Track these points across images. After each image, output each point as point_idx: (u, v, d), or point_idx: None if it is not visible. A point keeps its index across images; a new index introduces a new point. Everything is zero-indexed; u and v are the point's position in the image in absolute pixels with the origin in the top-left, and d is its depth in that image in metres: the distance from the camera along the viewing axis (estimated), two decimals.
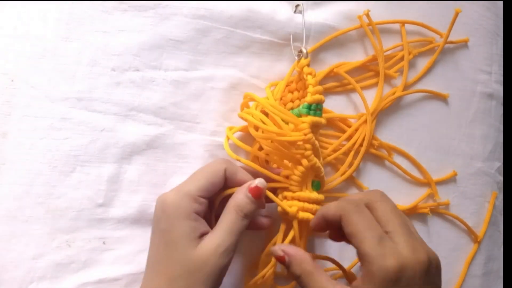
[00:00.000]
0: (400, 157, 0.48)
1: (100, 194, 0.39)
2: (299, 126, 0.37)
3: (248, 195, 0.35)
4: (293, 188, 0.38)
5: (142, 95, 0.41)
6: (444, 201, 0.49)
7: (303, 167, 0.37)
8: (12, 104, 0.38)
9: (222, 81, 0.43)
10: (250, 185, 0.35)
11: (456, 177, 0.50)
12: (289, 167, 0.39)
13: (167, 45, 0.42)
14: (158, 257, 0.34)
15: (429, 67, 0.49)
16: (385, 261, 0.30)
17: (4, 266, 0.37)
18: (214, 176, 0.35)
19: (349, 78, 0.45)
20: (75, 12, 0.40)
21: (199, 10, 0.42)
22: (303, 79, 0.41)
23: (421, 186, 0.49)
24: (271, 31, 0.44)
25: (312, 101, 0.38)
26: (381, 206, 0.34)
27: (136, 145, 0.40)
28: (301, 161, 0.37)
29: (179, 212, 0.33)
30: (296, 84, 0.42)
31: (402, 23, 0.48)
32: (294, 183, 0.38)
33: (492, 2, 0.54)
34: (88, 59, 0.40)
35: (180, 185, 0.35)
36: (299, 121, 0.37)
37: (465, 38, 0.51)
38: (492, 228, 0.51)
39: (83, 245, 0.38)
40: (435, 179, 0.49)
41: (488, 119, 0.52)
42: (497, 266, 0.52)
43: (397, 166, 0.47)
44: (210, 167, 0.36)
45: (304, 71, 0.40)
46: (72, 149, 0.39)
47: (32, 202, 0.38)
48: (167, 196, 0.34)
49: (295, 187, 0.38)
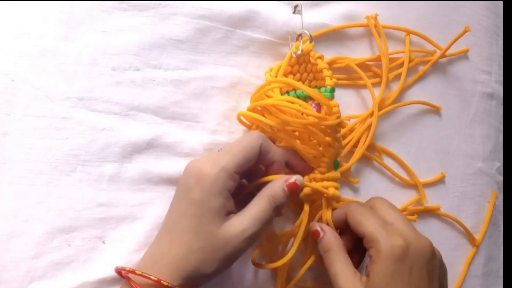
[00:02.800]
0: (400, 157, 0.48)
1: (101, 193, 0.39)
2: (333, 110, 0.37)
3: (285, 189, 0.35)
4: (322, 170, 0.39)
5: (142, 95, 0.41)
6: (434, 206, 0.48)
7: (333, 149, 0.38)
8: (12, 103, 0.38)
9: (222, 80, 0.43)
10: (288, 179, 0.35)
11: (456, 177, 0.50)
12: (317, 150, 0.39)
13: (167, 44, 0.42)
14: (181, 225, 0.34)
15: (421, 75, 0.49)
16: (391, 239, 0.33)
17: (4, 266, 0.37)
18: (250, 152, 0.35)
19: (359, 71, 0.45)
20: (75, 12, 0.40)
21: (199, 10, 0.42)
22: (306, 62, 0.42)
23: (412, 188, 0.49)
24: (271, 31, 0.44)
25: (334, 84, 0.39)
26: (380, 204, 0.37)
27: (136, 144, 0.40)
28: (332, 144, 0.38)
29: (215, 187, 0.33)
30: (292, 67, 0.43)
31: (407, 32, 0.48)
32: (325, 165, 0.39)
33: (492, 2, 0.54)
34: (88, 59, 0.40)
35: (217, 158, 0.34)
36: (332, 105, 0.37)
37: (466, 49, 0.51)
38: (492, 228, 0.51)
39: (83, 244, 0.38)
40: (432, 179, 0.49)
41: (488, 119, 0.52)
42: (497, 266, 0.52)
43: (387, 168, 0.47)
44: (248, 141, 0.35)
45: (312, 55, 0.41)
46: (72, 149, 0.39)
47: (33, 201, 0.37)
48: (203, 167, 0.34)
49: (324, 169, 0.39)
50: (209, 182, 0.33)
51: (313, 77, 0.42)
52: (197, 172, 0.34)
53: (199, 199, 0.33)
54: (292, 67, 0.43)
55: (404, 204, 0.48)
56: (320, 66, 0.40)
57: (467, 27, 0.48)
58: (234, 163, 0.34)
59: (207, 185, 0.33)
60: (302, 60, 0.43)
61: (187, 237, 0.33)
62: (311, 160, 0.39)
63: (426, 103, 0.49)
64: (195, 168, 0.34)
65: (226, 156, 0.34)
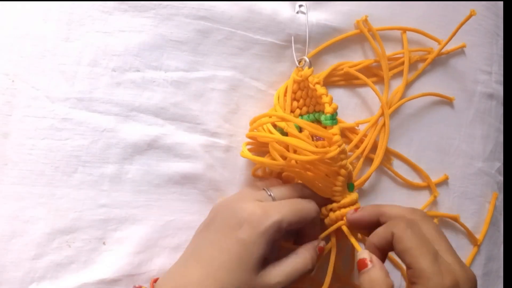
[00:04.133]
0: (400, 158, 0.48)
1: (102, 194, 0.39)
2: (334, 139, 0.37)
3: (317, 252, 0.38)
4: (338, 198, 0.39)
5: (143, 96, 0.41)
6: (454, 215, 0.48)
7: (342, 176, 0.38)
8: (13, 104, 0.38)
9: (222, 82, 0.43)
10: (319, 244, 0.38)
11: (457, 177, 0.50)
12: (326, 181, 0.39)
13: (167, 45, 0.42)
14: (218, 260, 0.33)
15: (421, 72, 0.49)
16: (443, 279, 0.31)
17: (4, 266, 0.37)
18: (304, 218, 0.36)
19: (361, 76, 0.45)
20: (75, 12, 0.40)
21: (199, 11, 0.42)
22: (306, 87, 0.42)
23: (420, 189, 0.49)
24: (272, 32, 0.44)
25: (333, 111, 0.39)
26: (425, 224, 0.34)
27: (137, 146, 0.40)
28: (339, 172, 0.38)
29: (267, 235, 0.33)
30: (295, 94, 0.43)
31: (403, 30, 0.48)
32: (338, 194, 0.39)
33: (492, 2, 0.54)
34: (89, 60, 0.40)
35: (274, 207, 0.35)
36: (331, 134, 0.37)
37: (462, 44, 0.51)
38: (492, 228, 0.51)
39: (83, 245, 0.38)
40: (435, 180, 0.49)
41: (488, 119, 0.52)
42: (497, 266, 0.52)
43: (395, 173, 0.47)
44: (307, 208, 0.37)
45: (310, 80, 0.41)
46: (73, 150, 0.39)
47: (34, 202, 0.38)
48: (258, 212, 0.34)
49: (339, 197, 0.39)
50: (263, 228, 0.33)
51: (315, 101, 0.42)
52: (251, 213, 0.34)
53: (248, 241, 0.33)
54: (295, 93, 0.43)
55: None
56: (319, 92, 0.40)
57: (472, 11, 0.46)
58: (288, 220, 0.34)
59: (260, 231, 0.33)
60: (303, 86, 0.43)
61: (222, 273, 0.33)
62: (323, 191, 0.39)
63: (439, 95, 0.49)
64: (248, 209, 0.34)
65: (283, 209, 0.35)
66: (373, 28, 0.46)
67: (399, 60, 0.48)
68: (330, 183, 0.39)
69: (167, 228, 0.41)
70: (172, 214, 0.41)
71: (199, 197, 0.42)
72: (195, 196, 0.42)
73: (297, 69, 0.44)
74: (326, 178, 0.39)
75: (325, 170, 0.38)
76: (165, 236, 0.40)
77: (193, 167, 0.41)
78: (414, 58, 0.48)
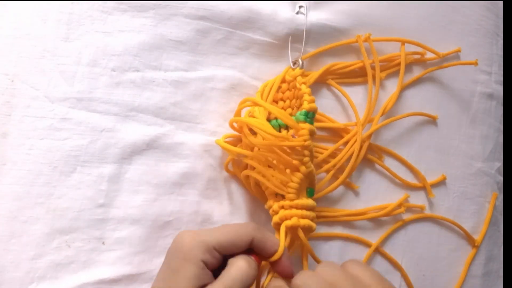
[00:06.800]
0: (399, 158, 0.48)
1: (101, 194, 0.39)
2: (300, 132, 0.37)
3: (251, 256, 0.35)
4: (291, 196, 0.38)
5: (142, 96, 0.41)
6: (420, 205, 0.48)
7: (301, 173, 0.38)
8: (12, 104, 0.38)
9: (222, 81, 0.43)
10: None
11: (456, 177, 0.50)
12: (285, 174, 0.38)
13: (167, 45, 0.42)
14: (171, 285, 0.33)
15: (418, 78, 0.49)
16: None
17: (4, 267, 0.37)
18: (237, 238, 0.35)
19: (342, 90, 0.46)
20: (75, 12, 0.40)
21: (199, 11, 0.42)
22: (294, 88, 0.42)
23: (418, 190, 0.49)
24: (271, 32, 0.44)
25: (310, 109, 0.39)
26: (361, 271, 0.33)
27: (136, 145, 0.40)
28: (299, 168, 0.37)
29: (189, 256, 0.33)
30: (283, 93, 0.43)
31: (402, 42, 0.48)
32: (292, 190, 0.38)
33: (492, 2, 0.54)
34: (88, 60, 0.40)
35: (202, 231, 0.35)
36: (300, 127, 0.37)
37: (457, 49, 0.50)
38: (492, 228, 0.51)
39: (83, 245, 0.38)
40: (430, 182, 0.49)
41: (488, 119, 0.52)
42: (497, 266, 0.52)
43: (387, 169, 0.47)
44: (239, 230, 0.35)
45: (298, 80, 0.41)
46: (72, 150, 0.39)
47: (33, 202, 0.38)
48: (185, 236, 0.34)
49: (293, 195, 0.38)
50: (185, 250, 0.33)
51: (300, 103, 0.42)
52: (178, 240, 0.34)
53: (175, 267, 0.33)
54: (283, 92, 0.43)
55: None
56: (303, 91, 0.40)
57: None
58: (215, 239, 0.34)
59: (183, 253, 0.33)
60: (292, 86, 0.43)
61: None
62: (278, 186, 0.38)
63: (422, 114, 0.49)
64: (178, 237, 0.34)
65: (211, 232, 0.34)
66: (371, 42, 0.46)
67: (394, 61, 0.48)
68: (287, 177, 0.38)
69: (167, 228, 0.41)
70: (171, 214, 0.41)
71: (198, 197, 0.42)
72: (194, 196, 0.42)
73: (289, 69, 0.44)
74: (284, 171, 0.38)
75: (285, 162, 0.38)
76: (164, 236, 0.40)
77: (192, 167, 0.41)
78: (409, 60, 0.48)
